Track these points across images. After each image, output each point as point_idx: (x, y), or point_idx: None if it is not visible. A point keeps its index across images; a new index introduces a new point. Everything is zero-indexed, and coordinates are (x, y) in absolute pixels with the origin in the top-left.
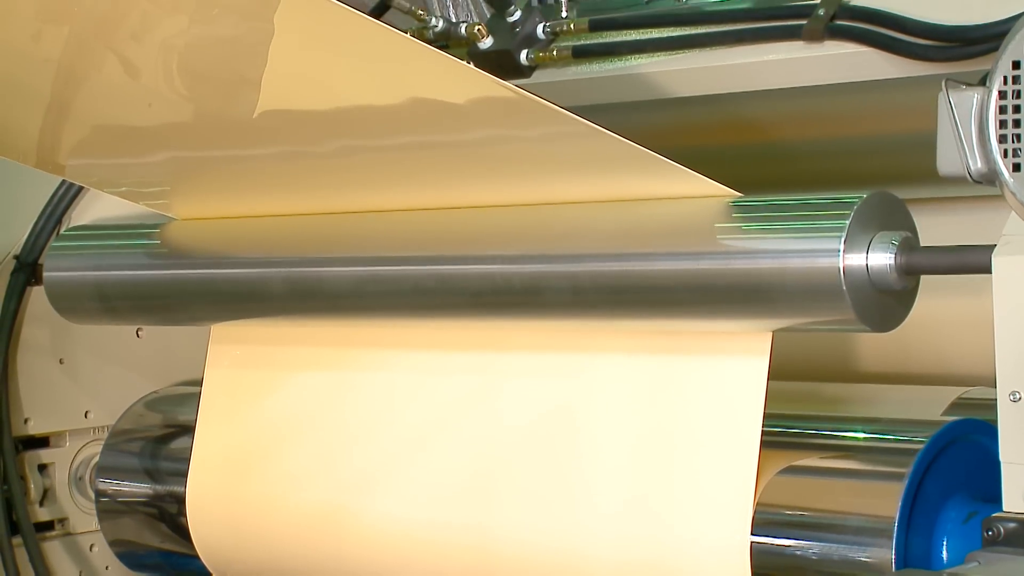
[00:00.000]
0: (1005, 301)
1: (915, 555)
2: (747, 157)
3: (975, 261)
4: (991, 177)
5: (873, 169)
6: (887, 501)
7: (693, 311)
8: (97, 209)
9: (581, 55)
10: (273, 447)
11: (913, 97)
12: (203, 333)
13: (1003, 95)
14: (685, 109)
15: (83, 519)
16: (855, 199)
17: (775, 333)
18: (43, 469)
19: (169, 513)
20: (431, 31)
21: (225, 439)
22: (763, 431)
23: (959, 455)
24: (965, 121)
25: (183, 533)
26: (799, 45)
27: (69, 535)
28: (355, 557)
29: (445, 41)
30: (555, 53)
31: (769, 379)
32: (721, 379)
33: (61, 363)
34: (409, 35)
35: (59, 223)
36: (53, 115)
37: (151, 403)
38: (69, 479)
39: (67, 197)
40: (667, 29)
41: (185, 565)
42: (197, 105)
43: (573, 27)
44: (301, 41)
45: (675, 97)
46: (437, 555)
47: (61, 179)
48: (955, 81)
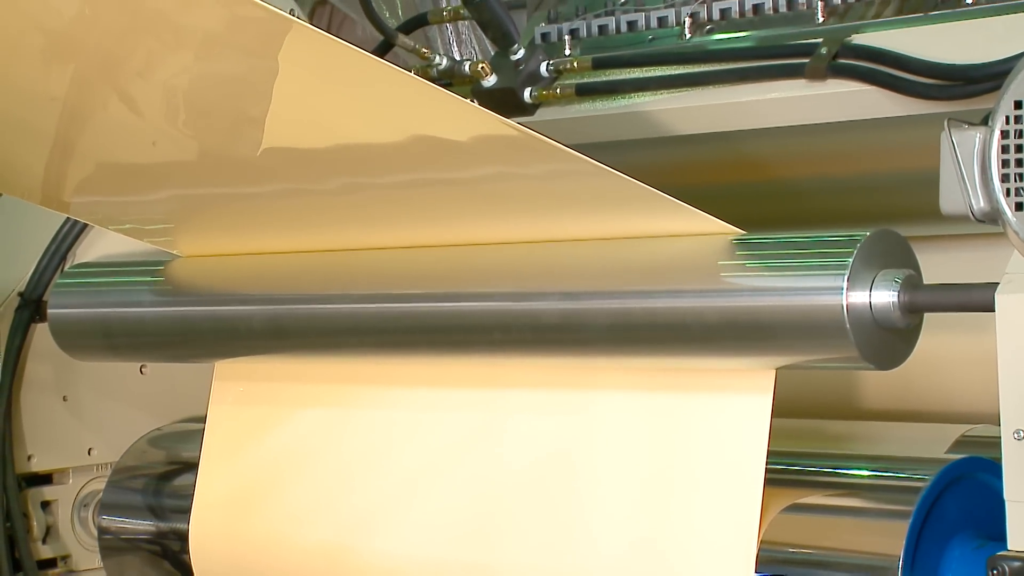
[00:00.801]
0: (1009, 339)
1: None
2: (750, 195)
3: (978, 299)
4: (994, 216)
5: (876, 207)
6: (891, 539)
7: (696, 348)
8: (101, 246)
9: (584, 93)
10: (277, 484)
11: (915, 135)
12: (207, 370)
13: (1005, 135)
14: (688, 147)
15: (86, 556)
16: (858, 237)
17: (778, 370)
18: (46, 506)
19: (172, 551)
20: (435, 69)
21: (229, 476)
22: (767, 469)
23: (963, 493)
24: (968, 160)
25: (186, 571)
26: (802, 83)
27: (72, 573)
28: None
29: (449, 79)
30: (558, 91)
31: (773, 416)
32: (724, 416)
33: (65, 400)
34: (413, 73)
35: (63, 260)
36: (58, 153)
37: (154, 440)
38: (72, 516)
39: (72, 234)
40: (670, 67)
41: None
42: (201, 143)
43: (576, 65)
44: (305, 79)
45: (678, 135)
46: None
47: (66, 216)
48: (957, 120)
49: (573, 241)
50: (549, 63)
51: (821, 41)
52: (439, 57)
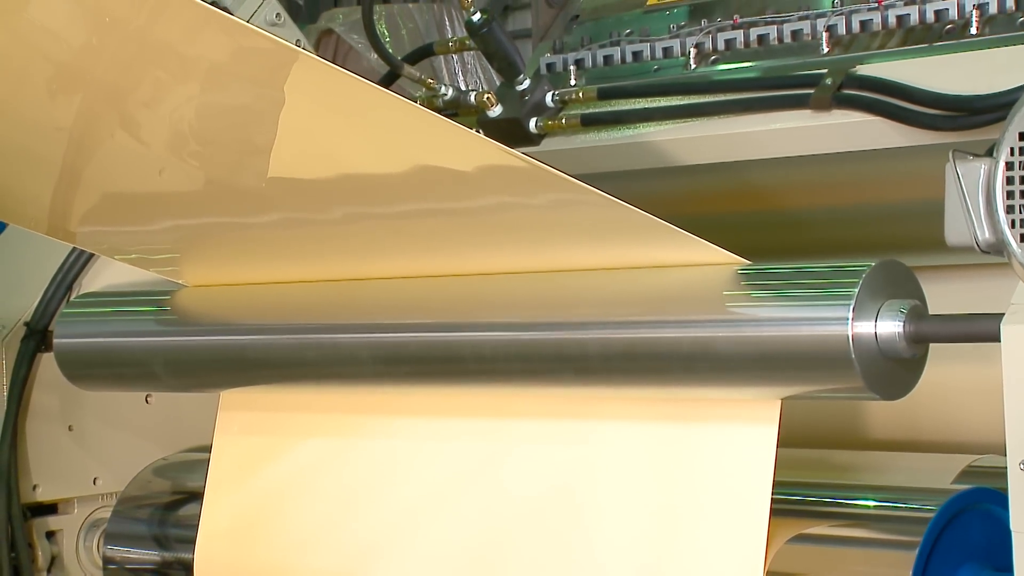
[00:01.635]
0: (1014, 369)
1: None
2: (755, 225)
3: (984, 330)
4: (999, 247)
5: (881, 237)
6: (898, 570)
7: (701, 379)
8: (107, 276)
9: (590, 123)
10: (282, 514)
11: (920, 166)
12: (212, 399)
13: (1010, 166)
14: (693, 177)
15: None
16: (863, 267)
17: (784, 400)
18: (51, 536)
19: None
20: (441, 99)
21: (234, 506)
22: (773, 499)
23: (970, 524)
24: (972, 192)
25: None
26: (807, 114)
27: None
28: None
29: (455, 109)
30: (564, 121)
31: (778, 446)
32: (730, 447)
33: (70, 429)
34: (419, 104)
35: (69, 290)
36: (64, 183)
37: (160, 470)
38: (77, 546)
39: (77, 264)
40: (675, 97)
41: None
42: (207, 173)
43: (582, 95)
44: (312, 110)
45: (683, 165)
46: None
47: (72, 246)
48: (962, 152)
49: (578, 271)
50: (554, 93)
51: (826, 72)
52: (445, 87)
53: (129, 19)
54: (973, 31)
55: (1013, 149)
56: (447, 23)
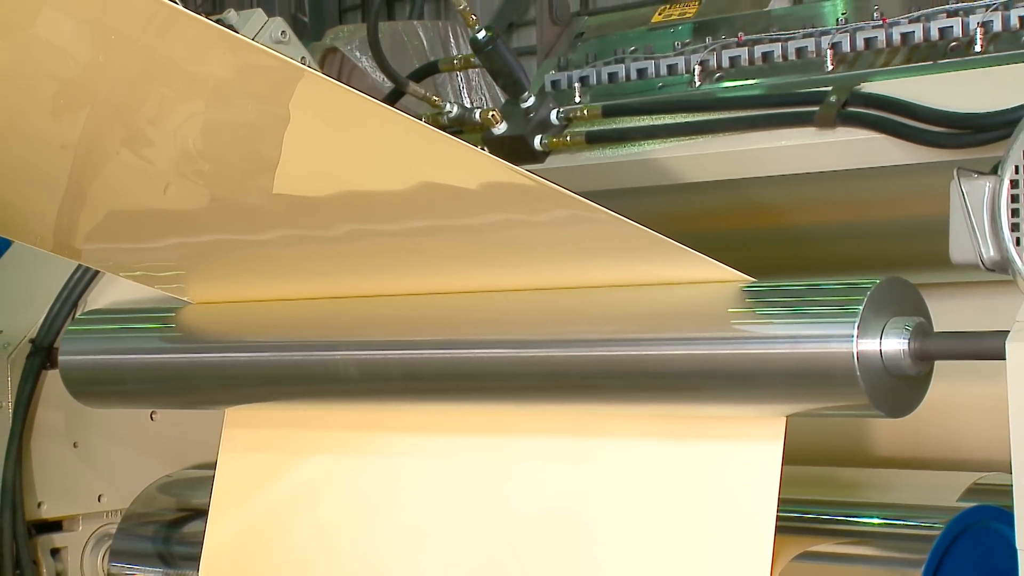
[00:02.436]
0: (1019, 387)
1: None
2: (760, 242)
3: (989, 347)
4: (1004, 265)
5: (885, 254)
6: None
7: (706, 396)
8: (112, 293)
9: (594, 140)
10: (286, 531)
11: (925, 183)
12: (217, 416)
13: (1015, 184)
14: (698, 194)
15: None
16: (868, 284)
17: (789, 418)
18: (56, 553)
19: None
20: (445, 117)
21: (238, 523)
22: (778, 516)
23: (975, 541)
24: (977, 210)
25: None
26: (811, 131)
27: None
28: None
29: (459, 127)
30: (569, 138)
31: (783, 464)
32: (735, 464)
33: (75, 446)
34: (424, 121)
35: (75, 307)
36: (70, 200)
37: (164, 487)
38: (82, 563)
39: (83, 281)
40: (680, 115)
41: None
42: (212, 190)
43: (587, 113)
44: (317, 127)
45: (688, 182)
46: None
47: (77, 264)
48: (967, 170)
49: (583, 288)
50: (559, 111)
51: (830, 89)
52: (450, 105)
53: (135, 37)
54: (977, 49)
55: (1018, 167)
56: (452, 40)
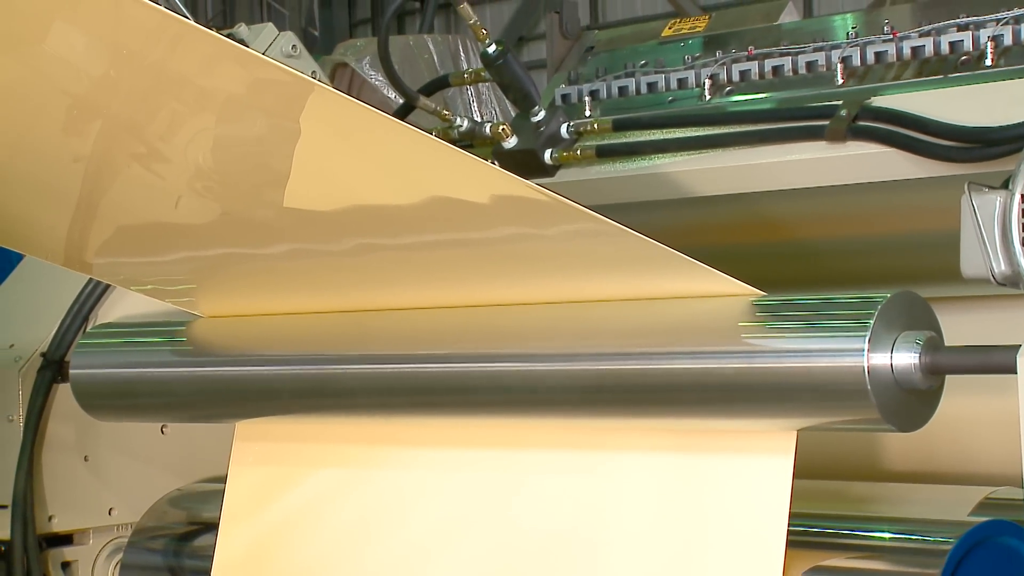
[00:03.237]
0: None
1: None
2: (771, 256)
3: (1000, 361)
4: (1015, 279)
5: (896, 268)
6: None
7: (717, 410)
8: (123, 307)
9: (605, 154)
10: (296, 545)
11: (935, 197)
12: (227, 430)
13: None
14: (708, 208)
15: None
16: (879, 298)
17: (799, 432)
18: (66, 567)
19: None
20: (456, 131)
21: (249, 536)
22: (788, 531)
23: (987, 556)
24: (988, 224)
25: None
26: (822, 145)
27: None
28: None
29: (470, 141)
30: (579, 152)
31: (794, 478)
32: (746, 478)
33: (86, 460)
34: (434, 135)
35: (86, 321)
36: (81, 214)
37: (175, 500)
38: None
39: (94, 295)
40: (690, 129)
41: None
42: (223, 204)
43: (597, 127)
44: (327, 141)
45: (698, 196)
46: None
47: (88, 277)
48: (977, 184)
49: (593, 302)
50: (570, 124)
51: (841, 103)
52: (460, 119)
53: (146, 52)
54: (988, 63)
55: None
56: (462, 54)
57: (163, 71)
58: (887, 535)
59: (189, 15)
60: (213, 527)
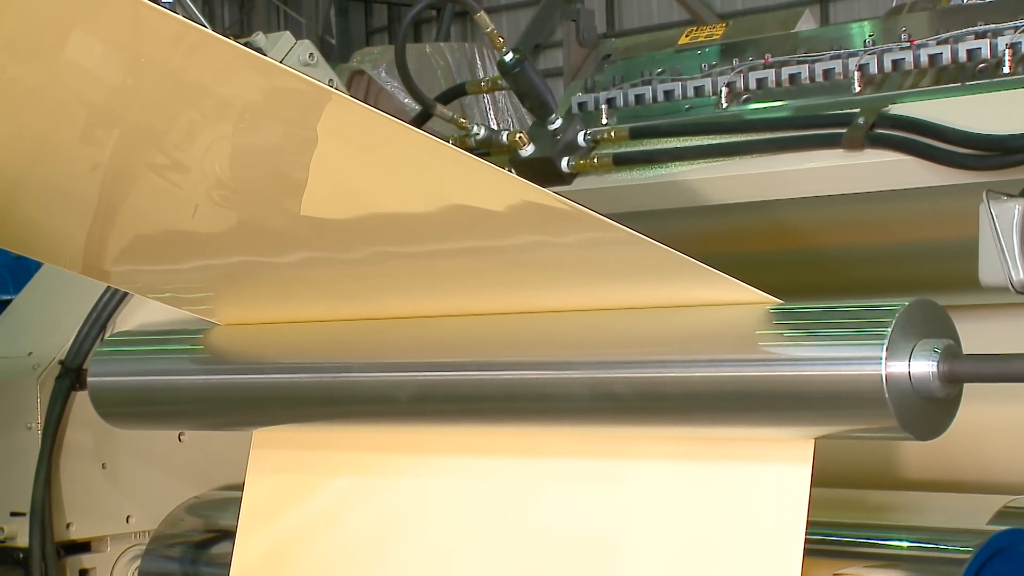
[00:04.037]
0: None
1: None
2: (788, 264)
3: (1019, 370)
4: None
5: (914, 276)
6: None
7: (734, 418)
8: (141, 315)
9: (622, 162)
10: (314, 553)
11: (953, 205)
12: (244, 437)
13: None
14: (725, 215)
15: None
16: (897, 306)
17: (817, 440)
18: (84, 574)
19: None
20: (473, 139)
21: (266, 544)
22: (806, 539)
23: (1006, 566)
24: (1007, 232)
25: None
26: (839, 153)
27: None
28: None
29: (487, 149)
30: (596, 160)
31: (812, 486)
32: (763, 486)
33: (104, 467)
34: (451, 143)
35: (104, 329)
36: (99, 222)
37: (192, 508)
38: None
39: (112, 303)
40: (707, 137)
41: None
42: (241, 212)
43: (614, 135)
44: (344, 149)
45: (715, 204)
46: None
47: (106, 285)
48: (996, 192)
49: (610, 310)
50: (586, 132)
51: (858, 111)
52: (477, 127)
53: (164, 60)
54: (1006, 70)
55: None
56: (478, 62)
57: (181, 80)
58: (905, 544)
59: (207, 24)
60: (230, 535)
